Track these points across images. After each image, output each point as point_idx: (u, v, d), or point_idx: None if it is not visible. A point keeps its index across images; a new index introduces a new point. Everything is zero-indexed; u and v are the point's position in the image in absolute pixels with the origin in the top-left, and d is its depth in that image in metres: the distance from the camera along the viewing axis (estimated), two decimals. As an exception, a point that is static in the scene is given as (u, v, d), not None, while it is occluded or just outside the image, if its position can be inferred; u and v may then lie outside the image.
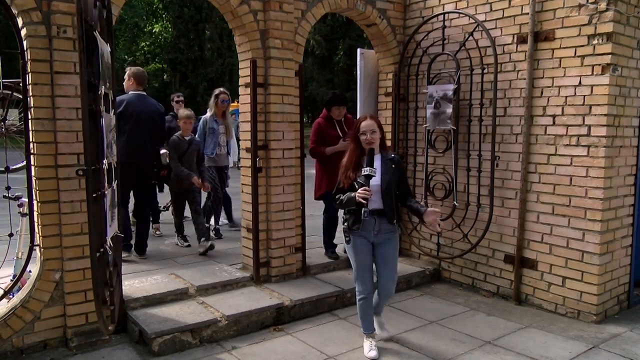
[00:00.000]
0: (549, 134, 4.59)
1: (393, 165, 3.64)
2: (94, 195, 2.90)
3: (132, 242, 5.76)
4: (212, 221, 6.92)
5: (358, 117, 6.30)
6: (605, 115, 4.22)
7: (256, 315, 4.22)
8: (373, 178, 3.49)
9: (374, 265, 3.77)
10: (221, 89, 6.95)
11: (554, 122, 4.55)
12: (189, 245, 6.27)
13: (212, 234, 6.65)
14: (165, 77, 29.78)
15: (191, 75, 28.01)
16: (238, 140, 5.28)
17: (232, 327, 4.09)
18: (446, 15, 5.27)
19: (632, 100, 4.46)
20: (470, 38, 5.03)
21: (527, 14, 4.63)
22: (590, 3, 4.24)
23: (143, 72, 5.71)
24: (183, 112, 6.14)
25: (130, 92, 5.59)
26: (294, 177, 4.96)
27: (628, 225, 4.62)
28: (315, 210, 6.73)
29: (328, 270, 5.31)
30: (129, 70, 5.72)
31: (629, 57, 4.35)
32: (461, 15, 5.14)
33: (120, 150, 4.26)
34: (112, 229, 3.48)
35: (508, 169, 4.92)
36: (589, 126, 4.31)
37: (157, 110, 5.67)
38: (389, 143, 5.93)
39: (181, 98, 7.54)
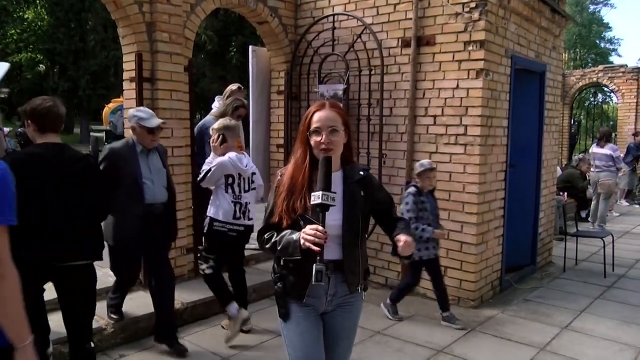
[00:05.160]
0: (430, 133, 4.89)
1: (362, 191, 2.22)
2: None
3: None
4: None
5: (251, 116, 6.24)
6: (479, 116, 4.58)
7: (145, 320, 4.03)
8: (330, 210, 2.02)
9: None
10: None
11: (434, 122, 4.85)
12: None
13: None
14: (41, 68, 27.40)
15: (72, 68, 26.06)
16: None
17: (119, 334, 3.88)
18: (336, 16, 5.39)
19: (502, 103, 4.88)
20: (359, 40, 5.20)
21: (411, 19, 4.88)
22: (466, 12, 4.57)
23: None
24: None
25: None
26: (184, 175, 4.81)
27: (500, 217, 5.06)
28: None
29: (222, 270, 5.22)
30: None
31: (499, 63, 4.76)
32: (350, 17, 5.29)
33: None
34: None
35: (394, 165, 5.17)
36: (466, 126, 4.66)
37: None
38: (281, 142, 5.95)
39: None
